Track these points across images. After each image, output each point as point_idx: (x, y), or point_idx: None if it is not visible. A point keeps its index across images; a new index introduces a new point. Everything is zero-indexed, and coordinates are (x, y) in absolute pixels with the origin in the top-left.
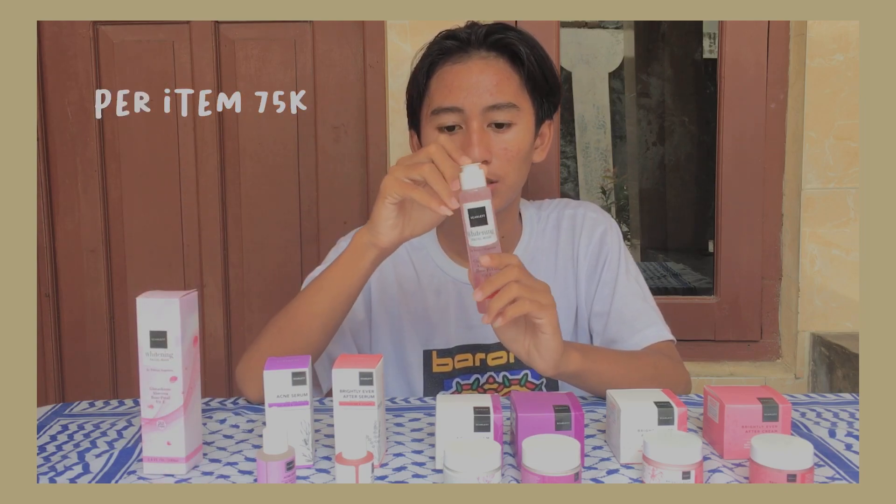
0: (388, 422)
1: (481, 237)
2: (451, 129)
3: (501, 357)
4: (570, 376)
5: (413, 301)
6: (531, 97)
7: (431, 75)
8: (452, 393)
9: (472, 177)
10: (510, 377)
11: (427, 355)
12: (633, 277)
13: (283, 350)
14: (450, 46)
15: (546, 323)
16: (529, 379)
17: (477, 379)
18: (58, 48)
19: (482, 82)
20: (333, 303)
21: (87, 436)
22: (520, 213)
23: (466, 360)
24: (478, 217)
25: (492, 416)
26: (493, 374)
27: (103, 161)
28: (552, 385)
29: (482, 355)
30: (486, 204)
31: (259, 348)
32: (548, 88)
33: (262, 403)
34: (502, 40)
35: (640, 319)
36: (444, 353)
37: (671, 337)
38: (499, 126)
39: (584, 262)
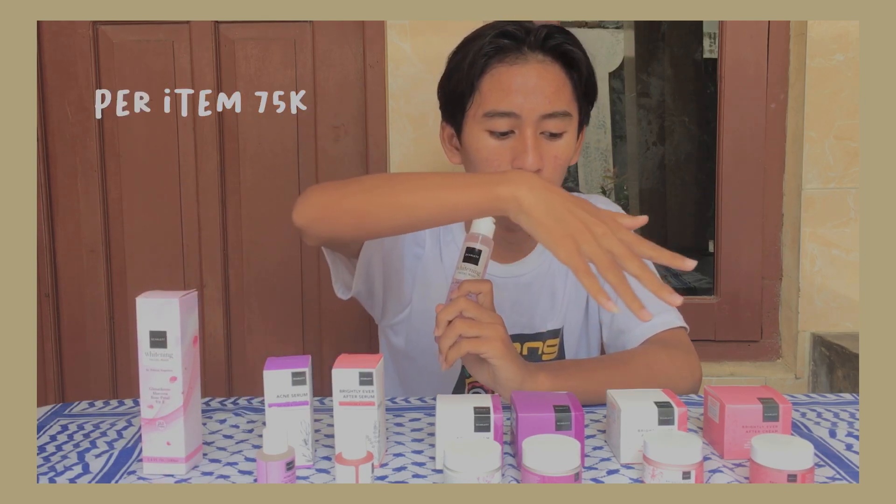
0: (388, 422)
1: (466, 273)
2: (504, 134)
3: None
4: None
5: (439, 288)
6: (578, 104)
7: (484, 73)
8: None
9: (484, 224)
10: None
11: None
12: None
13: (341, 209)
14: (505, 45)
15: (491, 356)
16: None
17: None
18: (58, 48)
19: (541, 88)
20: (421, 217)
21: (86, 436)
22: None
23: None
24: (471, 257)
25: (492, 416)
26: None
27: (103, 161)
28: None
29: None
30: (486, 252)
31: (327, 189)
32: (593, 96)
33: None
34: (561, 46)
35: (648, 307)
36: None
37: (681, 324)
38: (552, 135)
39: None
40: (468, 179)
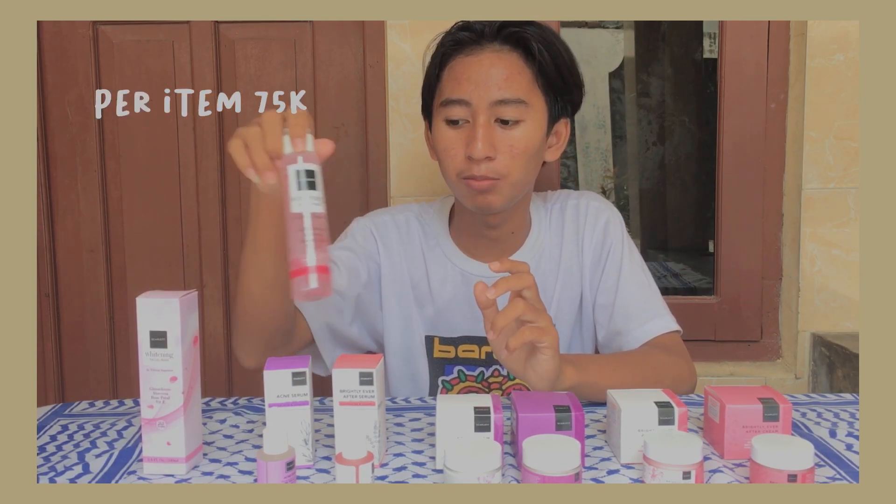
0: (388, 422)
1: (311, 202)
2: (455, 123)
3: None
4: (566, 391)
5: (420, 289)
6: (544, 94)
7: (444, 66)
8: (453, 379)
9: (308, 139)
10: None
11: (429, 341)
12: (638, 266)
13: (253, 327)
14: (463, 38)
15: (548, 347)
16: None
17: (482, 372)
18: (58, 48)
19: (492, 76)
20: (275, 267)
21: (87, 436)
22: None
23: (472, 351)
24: (312, 182)
25: (492, 416)
26: (498, 367)
27: (103, 161)
28: None
29: (488, 348)
30: (317, 168)
31: (235, 329)
32: (563, 86)
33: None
34: (517, 34)
35: (645, 311)
36: (446, 340)
37: (676, 327)
38: (504, 123)
39: (589, 252)
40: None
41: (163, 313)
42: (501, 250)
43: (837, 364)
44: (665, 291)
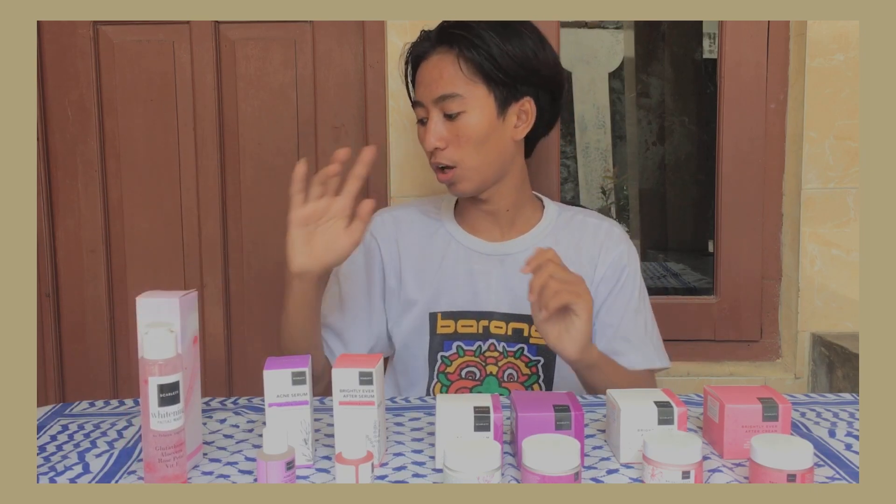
0: (388, 421)
1: (170, 420)
2: (422, 121)
3: (501, 328)
4: (586, 366)
5: (422, 264)
6: (484, 82)
7: (413, 74)
8: (452, 355)
9: (158, 341)
10: (508, 349)
11: (433, 318)
12: (646, 301)
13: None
14: (422, 48)
15: (582, 309)
16: (525, 353)
17: (479, 346)
18: (58, 48)
19: (433, 76)
20: (304, 328)
21: (87, 436)
22: (541, 200)
23: (470, 325)
24: (169, 395)
25: (492, 415)
26: (494, 341)
27: (103, 161)
28: (548, 366)
29: (485, 322)
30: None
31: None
32: (501, 72)
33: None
34: (449, 35)
35: (644, 343)
36: (448, 315)
37: (666, 365)
38: (448, 116)
39: (602, 268)
40: (285, 300)
41: (162, 313)
42: (507, 229)
43: (837, 364)
44: (665, 291)
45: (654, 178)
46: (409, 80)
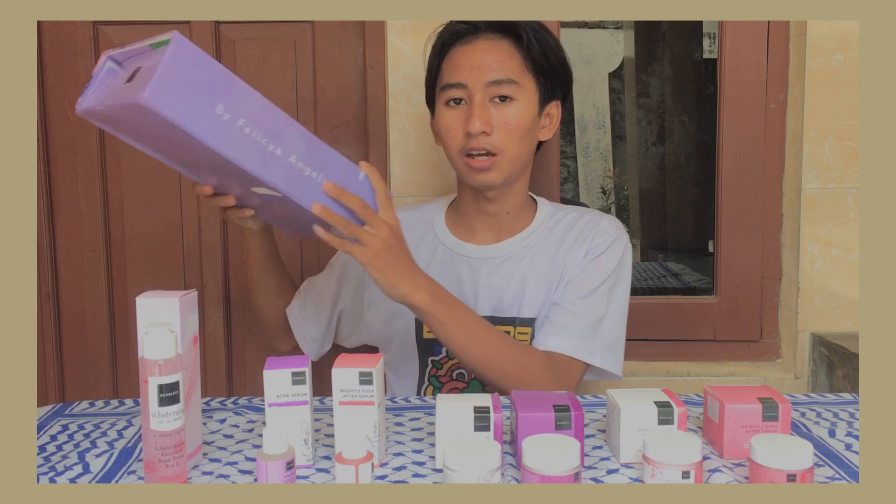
0: (388, 421)
1: (170, 420)
2: (458, 101)
3: (526, 334)
4: (417, 313)
5: None
6: (534, 76)
7: (444, 56)
8: (442, 359)
9: (158, 341)
10: None
11: (419, 322)
12: (614, 299)
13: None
14: (460, 29)
15: (364, 263)
16: None
17: None
18: (58, 48)
19: (486, 60)
20: (257, 274)
21: (87, 436)
22: (535, 200)
23: None
24: (168, 395)
25: (492, 415)
26: None
27: (103, 161)
28: None
29: None
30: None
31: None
32: (550, 69)
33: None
34: (507, 23)
35: (583, 330)
36: None
37: (594, 363)
38: (501, 99)
39: (582, 252)
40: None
41: (162, 313)
42: (497, 232)
43: (837, 364)
44: (665, 291)
45: (654, 178)
46: (437, 64)
